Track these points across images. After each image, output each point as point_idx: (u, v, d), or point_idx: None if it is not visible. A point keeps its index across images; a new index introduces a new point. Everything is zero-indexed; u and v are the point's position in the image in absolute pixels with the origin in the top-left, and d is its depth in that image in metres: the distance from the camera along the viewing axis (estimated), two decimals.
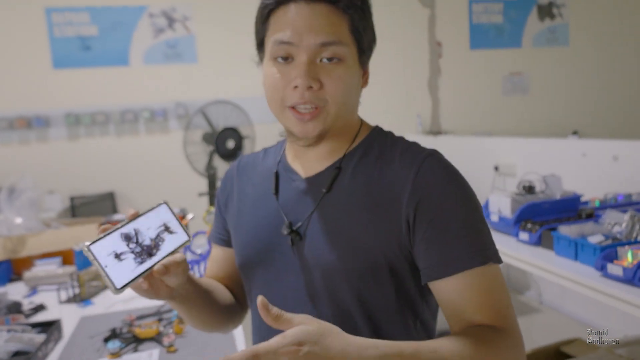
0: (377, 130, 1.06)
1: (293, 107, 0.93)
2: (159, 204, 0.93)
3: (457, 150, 1.02)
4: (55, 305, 2.09)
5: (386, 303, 0.96)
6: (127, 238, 0.84)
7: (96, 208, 5.10)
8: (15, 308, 1.97)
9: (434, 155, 0.96)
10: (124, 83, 5.33)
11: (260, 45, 1.00)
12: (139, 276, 0.83)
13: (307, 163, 1.04)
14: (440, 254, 0.90)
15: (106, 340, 1.66)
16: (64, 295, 2.15)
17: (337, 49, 0.91)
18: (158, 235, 0.89)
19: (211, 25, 5.46)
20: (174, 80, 5.43)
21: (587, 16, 6.59)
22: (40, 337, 1.63)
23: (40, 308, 2.04)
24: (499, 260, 0.92)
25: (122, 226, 0.85)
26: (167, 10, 5.37)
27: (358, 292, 0.95)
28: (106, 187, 5.32)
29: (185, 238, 0.94)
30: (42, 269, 2.38)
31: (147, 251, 0.86)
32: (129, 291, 1.87)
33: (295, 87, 0.91)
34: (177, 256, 0.90)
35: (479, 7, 6.27)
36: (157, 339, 1.65)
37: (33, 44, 5.11)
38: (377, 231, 0.93)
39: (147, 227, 0.88)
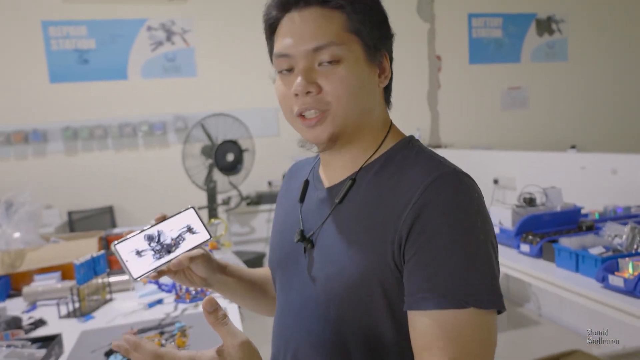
0: (404, 142, 1.00)
1: (301, 115, 0.93)
2: (187, 209, 1.05)
3: (456, 164, 1.03)
4: (55, 320, 2.06)
5: (383, 333, 0.90)
6: (150, 238, 0.99)
7: (95, 223, 5.08)
8: (14, 323, 1.95)
9: (449, 175, 0.87)
10: (122, 96, 5.33)
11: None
12: (155, 269, 0.98)
13: (331, 172, 1.03)
14: (418, 285, 0.83)
15: (107, 354, 1.64)
16: (64, 309, 2.13)
17: (332, 50, 0.90)
18: (180, 235, 1.01)
19: (210, 38, 5.48)
20: (172, 94, 5.43)
21: (586, 31, 6.65)
22: (40, 352, 1.61)
23: (40, 323, 2.02)
24: (489, 305, 0.82)
25: (147, 228, 0.99)
26: (165, 23, 5.39)
27: (351, 311, 0.91)
28: (105, 201, 5.30)
29: (206, 237, 1.04)
30: (41, 283, 2.36)
31: (167, 249, 0.99)
32: (132, 305, 1.89)
33: (296, 94, 0.91)
34: (193, 252, 1.03)
35: (478, 21, 6.32)
36: None
37: (29, 58, 5.12)
38: (372, 250, 0.88)
39: (170, 229, 1.01)
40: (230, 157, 4.13)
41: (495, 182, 4.43)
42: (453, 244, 0.82)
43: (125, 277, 2.39)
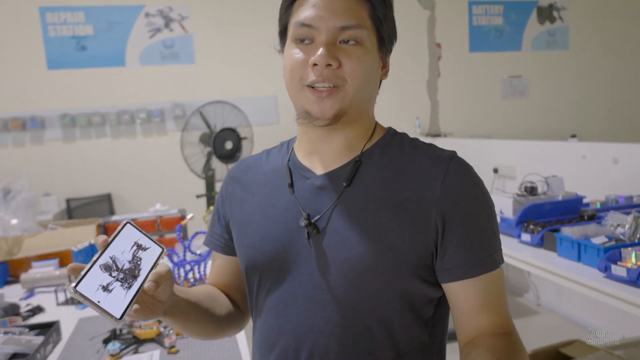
0: (392, 131, 1.06)
1: (311, 86, 0.93)
2: (123, 226, 0.92)
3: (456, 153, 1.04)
4: (53, 307, 2.06)
5: (402, 308, 0.95)
6: (107, 268, 0.84)
7: (93, 210, 5.06)
8: (12, 310, 1.94)
9: (457, 157, 0.99)
10: (120, 84, 5.30)
11: (283, 32, 1.01)
12: (133, 299, 0.84)
13: (323, 159, 1.02)
14: (466, 257, 0.93)
15: (106, 341, 1.63)
16: (61, 297, 2.12)
17: (357, 32, 0.93)
18: (134, 255, 0.89)
19: (209, 24, 5.44)
20: (171, 81, 5.40)
21: (587, 19, 6.60)
22: (38, 339, 1.61)
23: (37, 310, 2.01)
24: (503, 259, 0.99)
25: (97, 259, 0.84)
26: (163, 9, 5.35)
27: (379, 291, 0.93)
28: (103, 189, 5.28)
29: (159, 250, 0.94)
30: (39, 270, 2.35)
31: (131, 274, 0.86)
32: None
33: (315, 65, 0.91)
34: (162, 269, 0.90)
35: (478, 9, 6.28)
36: (157, 340, 1.63)
37: (27, 44, 5.08)
38: (404, 230, 0.93)
39: (121, 252, 0.87)
40: (228, 145, 4.11)
41: (495, 171, 4.42)
42: (485, 215, 0.97)
43: None
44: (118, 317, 0.80)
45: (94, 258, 0.84)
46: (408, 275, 0.94)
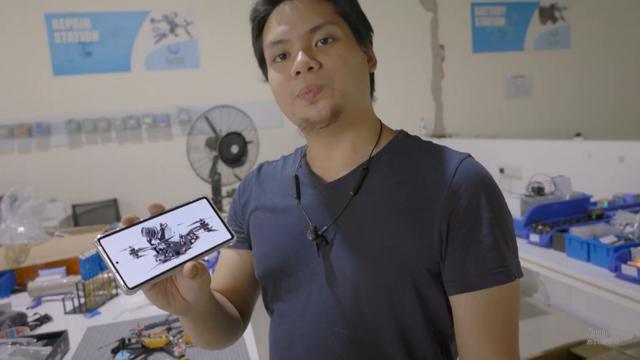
0: (402, 134, 1.02)
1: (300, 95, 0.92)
2: (199, 198, 0.80)
3: None
4: (60, 316, 2.05)
5: (415, 317, 0.91)
6: (150, 233, 0.73)
7: (99, 216, 5.07)
8: (19, 320, 1.92)
9: (468, 160, 0.93)
10: (125, 89, 5.32)
11: (262, 60, 1.01)
12: (158, 276, 0.70)
13: (332, 166, 1.00)
14: (473, 267, 0.87)
15: (114, 351, 1.62)
16: (69, 305, 2.11)
17: (329, 29, 0.92)
18: (191, 232, 0.76)
19: (214, 29, 5.45)
20: (176, 86, 5.41)
21: (589, 19, 6.60)
22: (45, 350, 1.59)
23: (45, 319, 2.00)
24: (521, 274, 0.91)
25: (145, 220, 0.74)
26: (169, 15, 5.36)
27: (387, 302, 0.90)
28: (109, 194, 5.29)
29: (227, 236, 0.78)
30: (46, 279, 2.34)
31: (174, 249, 0.73)
32: (138, 300, 1.79)
33: (297, 73, 0.90)
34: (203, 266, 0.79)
35: (481, 10, 6.28)
36: (167, 349, 1.62)
37: (33, 51, 5.11)
38: (409, 238, 0.89)
39: (178, 223, 0.76)
40: (234, 149, 4.10)
41: (501, 171, 4.40)
42: (495, 224, 0.88)
43: None
44: (130, 286, 0.68)
45: (143, 218, 0.75)
46: (414, 286, 0.89)
